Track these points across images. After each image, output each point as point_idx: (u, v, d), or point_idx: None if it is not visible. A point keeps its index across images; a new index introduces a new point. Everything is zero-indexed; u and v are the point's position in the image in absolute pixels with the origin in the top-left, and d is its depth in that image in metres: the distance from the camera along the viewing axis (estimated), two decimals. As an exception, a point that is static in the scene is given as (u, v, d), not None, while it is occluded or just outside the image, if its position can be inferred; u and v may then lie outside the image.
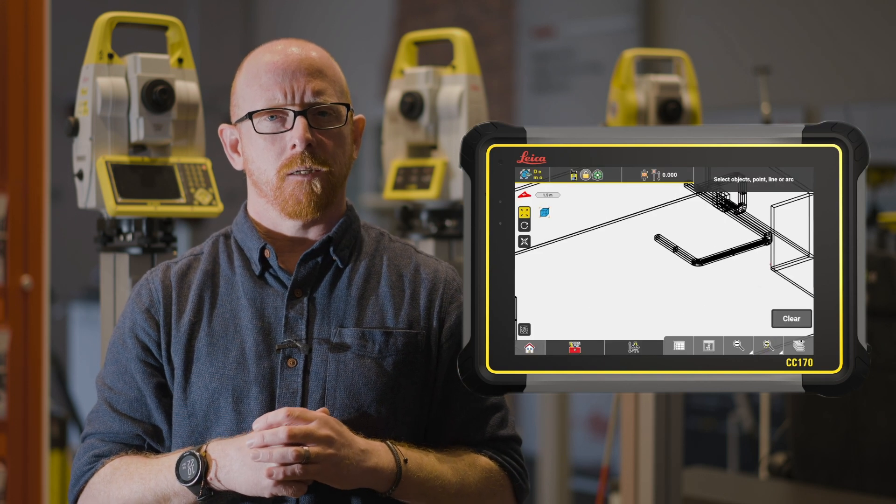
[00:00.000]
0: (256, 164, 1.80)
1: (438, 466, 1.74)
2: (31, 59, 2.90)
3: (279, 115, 1.77)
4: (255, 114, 1.78)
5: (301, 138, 1.75)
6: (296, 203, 1.77)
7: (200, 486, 1.67)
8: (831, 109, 5.97)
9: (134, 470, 1.73)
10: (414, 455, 1.73)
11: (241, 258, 1.84)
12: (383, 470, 1.69)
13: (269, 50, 1.82)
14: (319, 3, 8.48)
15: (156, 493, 1.70)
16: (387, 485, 1.70)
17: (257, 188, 1.82)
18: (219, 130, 1.90)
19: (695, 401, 5.84)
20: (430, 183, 2.87)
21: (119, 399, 1.81)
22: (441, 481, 1.74)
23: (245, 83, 1.82)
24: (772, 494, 3.74)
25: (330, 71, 1.82)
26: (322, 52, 1.83)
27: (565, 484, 4.96)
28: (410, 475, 1.71)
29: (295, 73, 1.77)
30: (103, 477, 1.76)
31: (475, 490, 1.77)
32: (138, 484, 1.72)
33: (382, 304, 1.81)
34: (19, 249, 2.89)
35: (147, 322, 1.81)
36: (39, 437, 2.93)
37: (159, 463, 1.72)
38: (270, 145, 1.78)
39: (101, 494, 1.75)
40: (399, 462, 1.70)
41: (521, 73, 7.28)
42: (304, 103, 1.77)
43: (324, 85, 1.79)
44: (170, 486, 1.69)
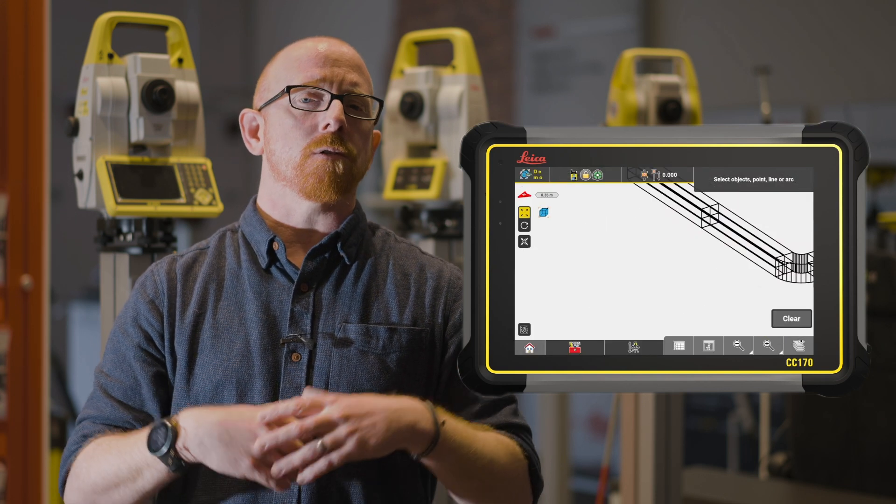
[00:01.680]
0: (281, 142, 1.81)
1: (472, 435, 1.71)
2: (31, 59, 2.90)
3: (314, 98, 1.80)
4: (294, 88, 1.79)
5: (336, 118, 1.77)
6: (317, 181, 1.78)
7: (170, 456, 1.64)
8: (831, 109, 5.97)
9: (112, 444, 1.73)
10: (450, 420, 1.69)
11: (247, 252, 1.85)
12: (422, 428, 1.64)
13: (305, 44, 1.85)
14: (319, 3, 8.48)
15: (129, 466, 1.69)
16: (424, 444, 1.65)
17: (276, 171, 1.83)
18: (240, 116, 1.91)
19: (695, 401, 5.84)
20: (430, 183, 2.87)
21: (114, 386, 1.81)
22: (474, 450, 1.70)
23: (283, 67, 1.84)
24: (772, 494, 3.74)
25: (364, 70, 1.87)
26: (357, 54, 1.87)
27: (565, 484, 4.96)
28: (447, 438, 1.66)
29: (337, 61, 1.82)
30: (86, 454, 1.76)
31: (501, 468, 1.74)
32: (115, 457, 1.71)
33: (387, 301, 1.82)
34: (19, 249, 2.89)
35: (151, 312, 1.82)
36: (39, 437, 2.93)
37: (134, 436, 1.71)
38: (301, 123, 1.79)
39: (83, 471, 1.75)
40: (437, 423, 1.66)
41: (521, 73, 7.28)
42: (343, 89, 1.81)
43: (361, 79, 1.83)
44: (143, 458, 1.67)
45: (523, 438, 1.82)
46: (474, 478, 1.72)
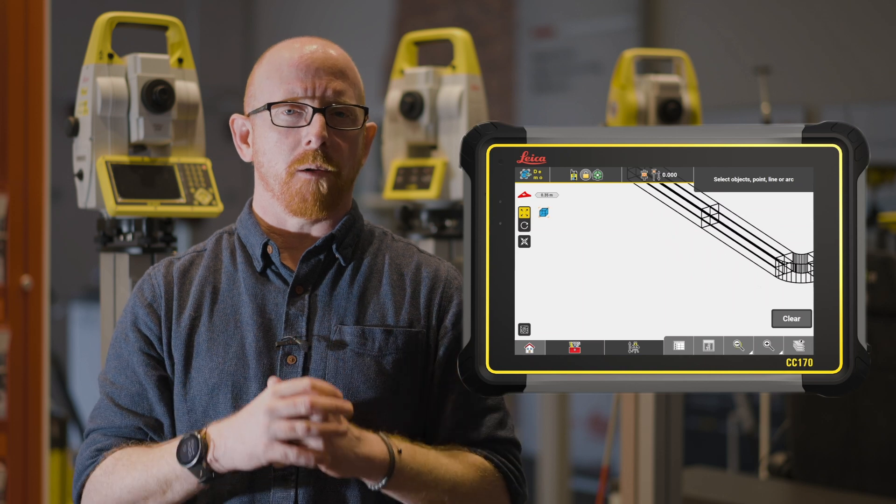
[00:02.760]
0: (267, 156, 1.80)
1: (432, 460, 1.72)
2: (31, 59, 2.90)
3: (297, 109, 1.77)
4: (274, 105, 1.77)
5: (317, 135, 1.75)
6: (301, 201, 1.77)
7: (201, 468, 1.65)
8: (831, 109, 5.98)
9: (136, 458, 1.73)
10: (407, 447, 1.71)
11: (243, 254, 1.84)
12: (376, 459, 1.66)
13: (291, 45, 1.82)
14: (319, 3, 8.48)
15: (158, 479, 1.69)
16: (380, 475, 1.67)
17: (264, 182, 1.82)
18: (230, 120, 1.89)
19: (695, 401, 5.84)
20: (430, 183, 2.87)
21: (121, 393, 1.81)
22: (435, 475, 1.71)
23: (265, 75, 1.81)
24: (772, 494, 3.74)
25: (351, 73, 1.82)
26: (343, 54, 1.84)
27: (565, 484, 4.96)
28: (404, 467, 1.68)
29: (318, 70, 1.78)
30: (105, 469, 1.76)
31: (469, 489, 1.74)
32: (140, 472, 1.71)
33: (383, 303, 1.81)
34: (19, 249, 2.89)
35: (149, 316, 1.82)
36: (39, 437, 2.93)
37: (161, 449, 1.72)
38: (284, 139, 1.77)
39: (104, 486, 1.75)
40: (392, 452, 1.67)
41: (521, 73, 7.28)
42: (325, 100, 1.77)
43: (344, 86, 1.79)
44: (172, 471, 1.68)
45: (504, 454, 1.81)
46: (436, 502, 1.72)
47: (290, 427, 1.59)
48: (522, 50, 7.27)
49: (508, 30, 7.36)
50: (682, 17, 6.66)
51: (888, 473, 3.60)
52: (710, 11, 6.54)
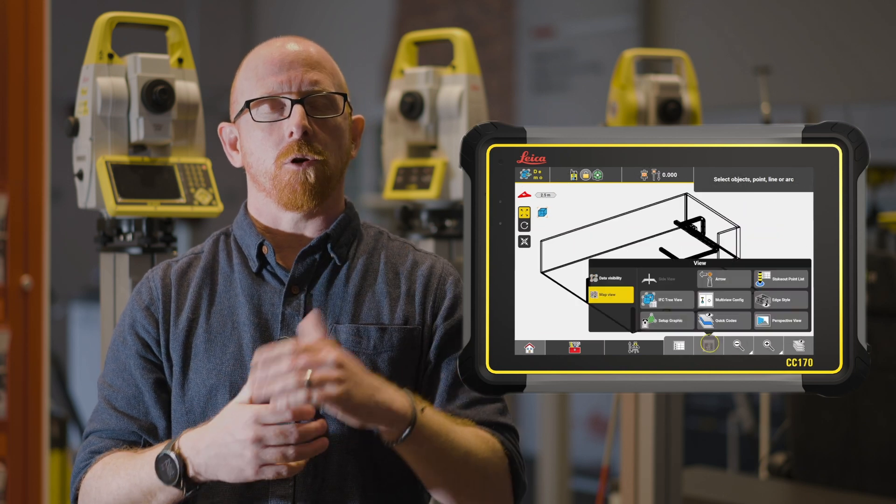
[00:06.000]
0: (255, 155, 1.81)
1: (450, 426, 1.69)
2: (31, 59, 2.90)
3: (276, 105, 1.78)
4: (253, 103, 1.79)
5: (298, 125, 1.76)
6: (291, 192, 1.78)
7: (183, 483, 1.64)
8: (831, 109, 5.98)
9: (121, 465, 1.73)
10: (429, 408, 1.68)
11: (239, 256, 1.85)
12: (398, 410, 1.62)
13: (266, 46, 1.85)
14: (319, 3, 8.48)
15: (142, 490, 1.69)
16: (401, 426, 1.62)
17: (256, 182, 1.83)
18: (218, 129, 1.91)
19: (695, 401, 5.85)
20: (430, 183, 2.87)
21: (118, 396, 1.81)
22: (451, 440, 1.68)
23: (243, 77, 1.84)
24: (772, 494, 3.74)
25: (327, 64, 1.84)
26: (319, 48, 1.85)
27: (565, 484, 4.96)
28: (424, 424, 1.64)
29: (293, 63, 1.79)
30: (94, 473, 1.76)
31: (480, 461, 1.72)
32: (125, 480, 1.71)
33: (378, 301, 1.81)
34: (19, 249, 2.89)
35: (147, 319, 1.82)
36: (39, 437, 2.93)
37: (143, 459, 1.71)
38: (268, 135, 1.78)
39: (93, 490, 1.75)
40: (415, 407, 1.64)
41: (521, 73, 7.28)
42: (301, 92, 1.78)
43: (321, 76, 1.81)
44: (155, 483, 1.67)
45: (507, 437, 1.80)
46: (449, 469, 1.69)
47: (280, 454, 1.58)
48: (522, 50, 7.28)
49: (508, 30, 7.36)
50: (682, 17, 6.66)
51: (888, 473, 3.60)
52: (710, 11, 6.54)
